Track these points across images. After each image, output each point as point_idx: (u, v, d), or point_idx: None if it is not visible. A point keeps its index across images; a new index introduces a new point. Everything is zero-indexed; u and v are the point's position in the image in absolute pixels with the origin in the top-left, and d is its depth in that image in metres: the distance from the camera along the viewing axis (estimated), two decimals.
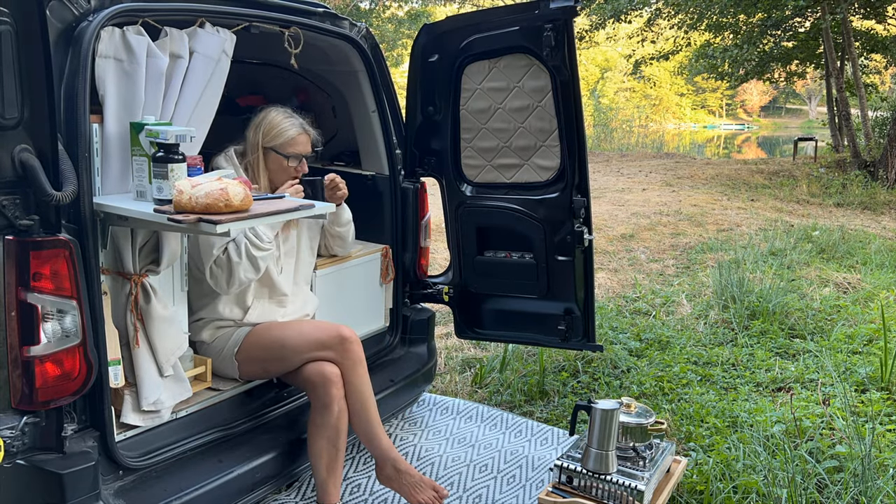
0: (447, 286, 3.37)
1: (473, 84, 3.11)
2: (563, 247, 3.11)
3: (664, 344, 4.65)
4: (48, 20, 1.88)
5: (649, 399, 3.81)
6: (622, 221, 9.18)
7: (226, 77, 2.44)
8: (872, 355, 4.34)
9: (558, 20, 2.82)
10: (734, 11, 14.71)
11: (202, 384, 2.56)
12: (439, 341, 4.60)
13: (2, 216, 1.83)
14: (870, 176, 12.81)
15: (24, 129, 1.81)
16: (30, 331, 1.88)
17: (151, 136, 2.09)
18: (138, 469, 2.19)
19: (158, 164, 2.09)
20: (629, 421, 2.67)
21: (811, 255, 7.19)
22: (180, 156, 2.10)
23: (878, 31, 16.79)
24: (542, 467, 3.06)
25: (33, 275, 1.86)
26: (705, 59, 16.94)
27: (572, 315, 3.19)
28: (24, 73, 1.77)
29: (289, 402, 2.74)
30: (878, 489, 2.74)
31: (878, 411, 3.55)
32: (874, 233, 8.64)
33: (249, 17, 2.51)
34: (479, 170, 3.21)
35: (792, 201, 11.46)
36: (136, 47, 2.15)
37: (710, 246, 7.75)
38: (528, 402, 3.85)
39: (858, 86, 14.75)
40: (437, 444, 3.23)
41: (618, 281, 6.36)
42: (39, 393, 1.90)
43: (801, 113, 52.57)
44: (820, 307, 5.37)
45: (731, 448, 3.14)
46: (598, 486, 2.57)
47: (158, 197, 2.10)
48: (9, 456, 1.88)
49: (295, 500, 2.75)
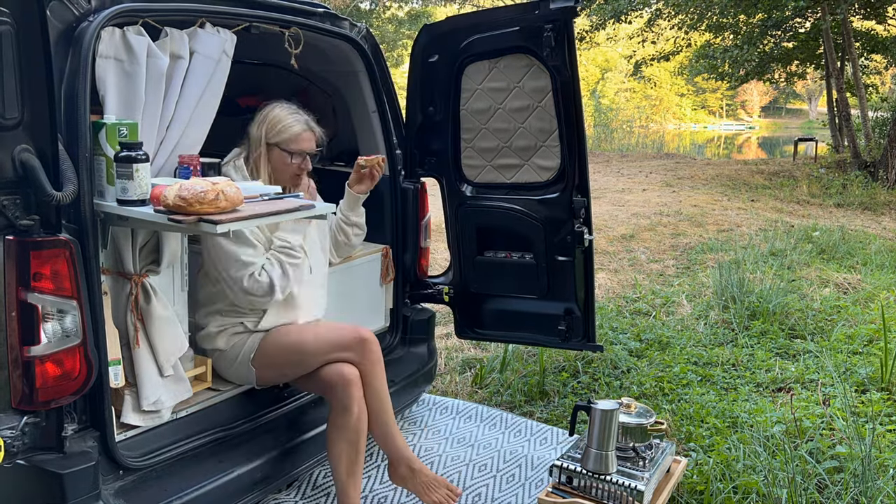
0: (447, 286, 3.37)
1: (474, 84, 3.11)
2: (563, 247, 3.11)
3: (664, 344, 4.65)
4: (49, 20, 1.88)
5: (649, 399, 3.81)
6: (622, 222, 9.18)
7: (226, 77, 2.44)
8: (873, 356, 4.34)
9: (558, 20, 2.82)
10: (734, 12, 14.70)
11: (202, 384, 2.56)
12: (439, 341, 4.60)
13: (2, 216, 1.83)
14: (870, 176, 12.81)
15: (25, 130, 1.81)
16: (30, 331, 1.88)
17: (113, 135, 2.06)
18: (138, 469, 2.19)
19: (122, 164, 2.04)
20: (629, 421, 2.67)
21: (811, 256, 7.19)
22: (143, 155, 2.06)
23: (878, 32, 16.79)
24: (541, 466, 3.06)
25: (34, 275, 1.86)
26: (705, 59, 16.94)
27: (572, 315, 3.19)
28: (25, 74, 1.77)
29: (289, 402, 2.74)
30: (879, 489, 2.74)
31: (878, 412, 3.55)
32: (874, 233, 8.64)
33: (250, 17, 2.51)
34: (479, 170, 3.21)
35: (792, 202, 11.46)
36: (137, 47, 2.15)
37: (711, 246, 7.75)
38: (529, 402, 3.85)
39: (858, 86, 14.75)
40: (436, 444, 3.23)
41: (618, 281, 6.36)
42: (40, 393, 1.90)
43: (801, 113, 52.58)
44: (820, 307, 5.37)
45: (731, 448, 3.14)
46: (598, 487, 2.56)
47: (122, 198, 2.05)
48: (9, 456, 1.88)
49: (295, 500, 2.75)
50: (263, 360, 2.59)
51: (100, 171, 2.11)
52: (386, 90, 3.22)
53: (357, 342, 2.57)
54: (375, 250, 3.28)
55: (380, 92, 3.19)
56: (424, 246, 3.39)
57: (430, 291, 3.41)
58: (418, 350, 3.40)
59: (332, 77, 3.34)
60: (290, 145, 2.66)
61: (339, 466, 2.52)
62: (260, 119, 2.67)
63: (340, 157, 3.62)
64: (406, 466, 2.63)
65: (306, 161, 2.71)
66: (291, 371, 2.61)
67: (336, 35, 2.95)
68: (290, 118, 2.68)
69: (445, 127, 3.20)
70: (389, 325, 3.39)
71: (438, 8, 25.05)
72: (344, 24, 2.99)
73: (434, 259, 6.56)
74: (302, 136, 2.68)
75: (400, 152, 3.30)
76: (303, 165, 2.70)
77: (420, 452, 3.15)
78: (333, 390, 2.52)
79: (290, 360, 2.58)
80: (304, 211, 2.22)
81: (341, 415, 2.51)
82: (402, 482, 2.65)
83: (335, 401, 2.53)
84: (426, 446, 3.20)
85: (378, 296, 3.33)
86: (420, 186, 3.34)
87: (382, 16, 23.63)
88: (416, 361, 3.34)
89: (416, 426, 3.40)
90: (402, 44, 23.96)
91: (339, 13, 2.98)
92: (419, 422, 3.44)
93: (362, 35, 3.08)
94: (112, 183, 2.09)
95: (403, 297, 3.40)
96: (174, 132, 2.34)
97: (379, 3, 23.28)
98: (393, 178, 3.29)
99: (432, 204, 3.43)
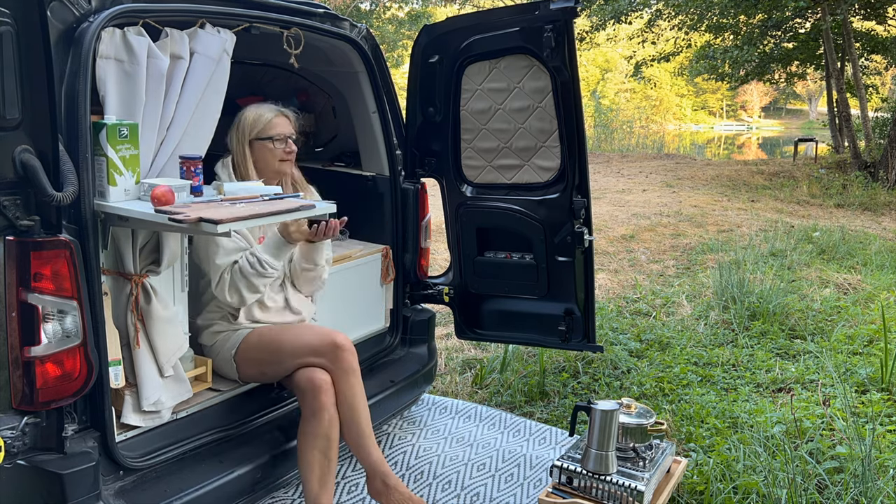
0: (447, 287, 3.37)
1: (474, 85, 3.11)
2: (563, 247, 3.11)
3: (664, 345, 4.65)
4: (49, 21, 1.88)
5: (649, 400, 3.81)
6: (622, 222, 9.18)
7: (227, 77, 2.44)
8: (873, 356, 4.34)
9: (558, 21, 2.82)
10: (734, 12, 14.70)
11: (202, 385, 2.56)
12: (440, 342, 4.60)
13: (3, 217, 1.83)
14: (870, 177, 12.81)
15: (25, 130, 1.82)
16: (30, 331, 1.88)
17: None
18: (139, 469, 2.19)
19: None
20: (629, 421, 2.67)
21: (811, 256, 7.19)
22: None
23: (878, 32, 16.79)
24: (540, 466, 3.06)
25: (34, 275, 1.86)
26: (706, 60, 16.92)
27: (572, 316, 3.19)
28: (25, 74, 1.78)
29: (289, 402, 2.74)
30: (879, 490, 2.74)
31: (878, 412, 3.55)
32: (874, 234, 8.64)
33: (250, 17, 2.51)
34: (479, 170, 3.21)
35: (792, 202, 11.46)
36: (137, 48, 2.15)
37: (711, 247, 7.76)
38: (529, 402, 3.85)
39: (859, 87, 14.75)
40: (435, 444, 3.23)
41: (618, 282, 6.36)
42: (40, 393, 1.90)
43: (801, 114, 52.55)
44: (820, 308, 5.37)
45: (731, 449, 3.14)
46: (598, 487, 2.57)
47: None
48: (9, 456, 1.88)
49: (294, 500, 2.75)
50: (244, 356, 2.61)
51: (100, 171, 2.11)
52: (386, 91, 3.22)
53: (330, 348, 2.54)
54: (375, 250, 3.28)
55: (380, 92, 3.19)
56: (424, 246, 3.40)
57: (430, 292, 3.41)
58: (418, 350, 3.40)
59: (333, 77, 3.34)
60: (267, 132, 2.67)
61: (311, 476, 2.45)
62: (234, 127, 2.71)
63: (340, 157, 3.63)
64: (381, 481, 2.55)
65: (289, 144, 2.70)
66: (270, 370, 2.61)
67: (336, 35, 2.95)
68: (259, 109, 2.71)
69: (445, 127, 3.20)
70: (389, 325, 3.39)
71: (438, 8, 25.04)
72: (344, 25, 3.00)
73: (434, 259, 6.56)
74: (275, 122, 2.69)
75: (400, 152, 3.30)
76: (287, 149, 2.69)
77: (419, 452, 3.15)
78: (304, 395, 2.50)
79: (267, 359, 2.59)
80: (304, 211, 2.22)
81: (310, 421, 2.47)
82: (376, 496, 2.58)
83: (305, 406, 2.50)
84: (425, 446, 3.21)
85: (378, 296, 3.33)
86: (420, 187, 3.34)
87: (382, 16, 23.61)
88: (417, 362, 3.34)
89: (415, 426, 3.40)
90: (402, 44, 23.94)
91: (339, 13, 2.98)
92: (418, 421, 3.44)
93: (362, 35, 3.09)
94: (113, 183, 2.10)
95: (403, 298, 3.40)
96: (175, 133, 2.34)
97: (379, 4, 23.27)
98: (393, 179, 3.30)
99: (432, 204, 3.43)
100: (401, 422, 3.42)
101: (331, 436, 2.47)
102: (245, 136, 2.68)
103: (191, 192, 2.22)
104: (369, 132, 3.31)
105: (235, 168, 2.69)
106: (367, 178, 3.39)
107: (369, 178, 3.38)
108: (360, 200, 3.39)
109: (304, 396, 2.50)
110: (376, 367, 3.21)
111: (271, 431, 2.63)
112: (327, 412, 2.47)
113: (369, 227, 3.36)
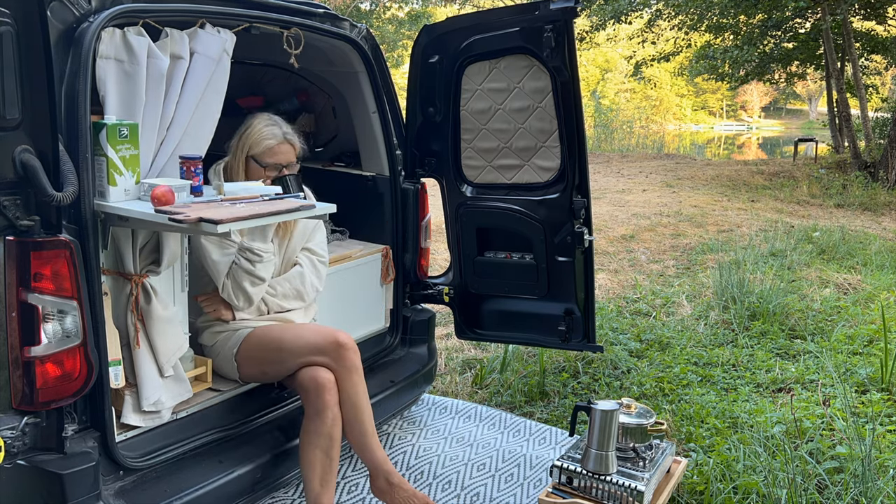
0: (447, 287, 3.37)
1: (474, 85, 3.11)
2: (563, 247, 3.11)
3: (664, 345, 4.65)
4: (49, 21, 1.88)
5: (649, 400, 3.81)
6: (622, 222, 9.18)
7: (227, 77, 2.44)
8: (873, 356, 4.34)
9: (558, 21, 2.82)
10: (734, 12, 14.70)
11: (202, 385, 2.56)
12: (440, 342, 4.60)
13: (3, 217, 1.83)
14: (870, 177, 12.81)
15: (25, 130, 1.82)
16: (30, 331, 1.88)
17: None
18: (139, 469, 2.19)
19: None
20: (629, 422, 2.67)
21: (811, 256, 7.19)
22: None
23: (878, 32, 16.79)
24: (540, 466, 3.06)
25: (34, 275, 1.86)
26: (706, 60, 16.92)
27: (572, 316, 3.19)
28: (25, 74, 1.78)
29: (289, 402, 2.74)
30: (879, 490, 2.74)
31: (878, 412, 3.55)
32: (874, 234, 8.64)
33: (250, 17, 2.51)
34: (479, 170, 3.21)
35: (792, 202, 11.46)
36: (137, 48, 2.15)
37: (711, 247, 7.76)
38: (529, 402, 3.85)
39: (859, 87, 14.75)
40: (435, 444, 3.23)
41: (618, 282, 6.36)
42: (40, 393, 1.90)
43: (801, 114, 52.55)
44: (820, 308, 5.37)
45: (731, 449, 3.14)
46: (598, 487, 2.57)
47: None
48: (9, 456, 1.88)
49: (294, 500, 2.75)
50: (245, 356, 2.61)
51: (100, 171, 2.11)
52: (386, 91, 3.22)
53: (333, 347, 2.54)
54: (375, 250, 3.29)
55: (380, 92, 3.19)
56: (424, 246, 3.40)
57: (430, 292, 3.41)
58: (418, 350, 3.40)
59: (333, 77, 3.34)
60: (264, 158, 2.68)
61: (312, 475, 2.45)
62: (241, 130, 2.72)
63: (340, 157, 3.63)
64: (384, 479, 2.56)
65: (282, 171, 2.70)
66: (272, 370, 2.60)
67: (336, 35, 2.95)
68: (266, 130, 2.69)
69: (445, 127, 3.20)
70: (390, 325, 3.39)
71: (438, 8, 25.04)
72: (344, 25, 3.00)
73: (434, 259, 6.56)
74: (276, 150, 2.68)
75: (400, 152, 3.30)
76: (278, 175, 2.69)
77: (419, 452, 3.15)
78: (307, 394, 2.50)
79: (269, 359, 2.58)
80: (304, 211, 2.22)
81: (313, 420, 2.47)
82: (380, 495, 2.59)
83: (308, 405, 2.50)
84: (425, 446, 3.21)
85: (378, 296, 3.33)
86: (420, 187, 3.34)
87: (382, 16, 23.61)
88: (417, 362, 3.34)
89: (415, 426, 3.40)
90: (402, 44, 23.94)
91: (339, 14, 2.98)
92: (418, 421, 3.44)
93: (362, 35, 3.09)
94: (113, 183, 2.10)
95: (403, 298, 3.40)
96: (175, 133, 2.34)
97: (379, 4, 23.27)
98: (393, 179, 3.30)
99: (432, 204, 3.43)
100: (401, 422, 3.42)
101: (333, 435, 2.47)
102: (244, 149, 2.69)
103: (191, 192, 2.22)
104: (369, 132, 3.31)
105: (227, 174, 2.71)
106: (367, 178, 3.39)
107: (369, 178, 3.39)
108: (360, 200, 3.39)
109: (308, 395, 2.50)
110: (376, 367, 3.21)
111: (271, 431, 2.63)
112: (331, 411, 2.47)
113: (369, 227, 3.36)
